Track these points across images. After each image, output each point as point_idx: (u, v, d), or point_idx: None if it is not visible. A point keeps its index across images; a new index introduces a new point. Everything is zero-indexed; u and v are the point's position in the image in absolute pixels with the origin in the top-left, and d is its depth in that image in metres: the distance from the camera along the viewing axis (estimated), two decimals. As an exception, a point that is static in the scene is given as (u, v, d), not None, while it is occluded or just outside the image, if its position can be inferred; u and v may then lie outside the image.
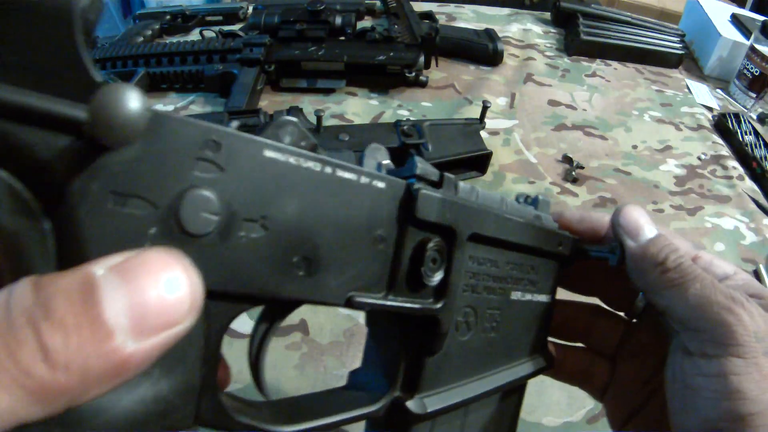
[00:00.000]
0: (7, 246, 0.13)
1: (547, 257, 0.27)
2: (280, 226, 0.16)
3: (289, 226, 0.16)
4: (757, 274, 0.59)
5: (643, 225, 0.26)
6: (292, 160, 0.16)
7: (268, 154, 0.15)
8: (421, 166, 0.20)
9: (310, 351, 0.48)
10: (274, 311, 0.20)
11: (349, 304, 0.19)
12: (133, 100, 0.12)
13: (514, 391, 0.27)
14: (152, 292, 0.12)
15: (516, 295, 0.25)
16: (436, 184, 0.21)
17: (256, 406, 0.19)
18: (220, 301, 0.16)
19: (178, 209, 0.14)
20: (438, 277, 0.20)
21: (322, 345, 0.48)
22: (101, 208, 0.13)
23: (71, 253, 0.13)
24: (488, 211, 0.22)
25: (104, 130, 0.12)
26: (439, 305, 0.21)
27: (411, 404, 0.21)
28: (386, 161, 0.21)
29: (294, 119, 0.17)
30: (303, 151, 0.16)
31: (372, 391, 0.22)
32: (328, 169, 0.17)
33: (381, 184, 0.18)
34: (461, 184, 0.22)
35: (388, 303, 0.19)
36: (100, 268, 0.12)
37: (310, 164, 0.16)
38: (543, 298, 0.28)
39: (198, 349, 0.16)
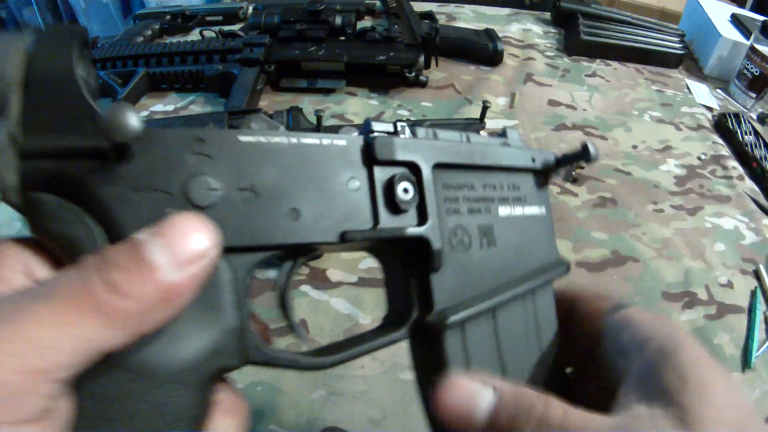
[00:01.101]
0: (67, 247, 0.18)
1: (524, 172, 0.29)
2: (267, 189, 0.21)
3: (273, 187, 0.21)
4: (757, 274, 0.59)
5: (474, 397, 0.22)
6: (262, 139, 0.21)
7: (242, 138, 0.20)
8: (376, 123, 0.24)
9: (310, 351, 0.48)
10: (290, 256, 0.24)
11: (343, 238, 0.22)
12: (130, 115, 0.17)
13: (541, 292, 0.29)
14: (180, 236, 0.17)
15: (505, 211, 0.28)
16: (392, 133, 0.25)
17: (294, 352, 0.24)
18: (238, 254, 0.20)
19: (188, 191, 0.19)
20: (412, 200, 0.24)
21: (322, 345, 0.48)
22: (129, 202, 0.18)
23: (114, 238, 0.18)
24: (448, 142, 0.26)
25: (113, 132, 0.16)
26: (423, 226, 0.24)
27: (431, 318, 0.24)
28: (356, 133, 0.25)
29: (261, 113, 0.21)
30: (268, 131, 0.21)
31: (398, 320, 0.26)
32: (294, 140, 0.21)
33: (342, 142, 0.23)
34: (419, 129, 0.26)
35: (378, 232, 0.23)
36: (140, 233, 0.17)
37: (277, 139, 0.21)
38: (535, 210, 0.30)
39: (231, 295, 0.20)
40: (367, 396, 0.45)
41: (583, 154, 0.29)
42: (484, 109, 0.68)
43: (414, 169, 0.24)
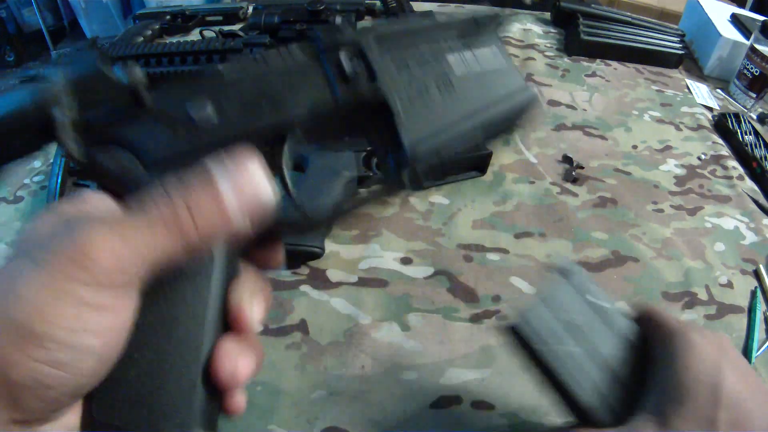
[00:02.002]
0: (120, 180, 0.24)
1: (465, 24, 0.31)
2: (253, 100, 0.26)
3: (249, 95, 0.26)
4: (757, 274, 0.59)
5: None
6: (243, 73, 0.26)
7: (224, 71, 0.26)
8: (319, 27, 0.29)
9: (310, 351, 0.48)
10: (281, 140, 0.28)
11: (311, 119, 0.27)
12: (134, 69, 0.24)
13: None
14: (249, 184, 0.21)
15: (454, 57, 0.30)
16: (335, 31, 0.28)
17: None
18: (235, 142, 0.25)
19: (188, 113, 0.25)
20: (357, 67, 0.27)
21: (322, 345, 0.48)
22: (150, 133, 0.25)
23: (145, 164, 0.24)
24: (386, 24, 0.30)
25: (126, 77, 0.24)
26: (376, 84, 0.28)
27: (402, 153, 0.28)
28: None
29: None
30: (249, 63, 0.27)
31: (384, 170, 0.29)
32: (258, 57, 0.27)
33: (296, 50, 0.27)
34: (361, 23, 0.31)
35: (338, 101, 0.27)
36: (213, 165, 0.21)
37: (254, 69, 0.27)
38: (486, 50, 0.32)
39: None
40: (367, 396, 0.45)
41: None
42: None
43: (356, 46, 0.28)
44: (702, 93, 0.90)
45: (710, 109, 0.87)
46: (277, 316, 0.50)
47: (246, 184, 0.21)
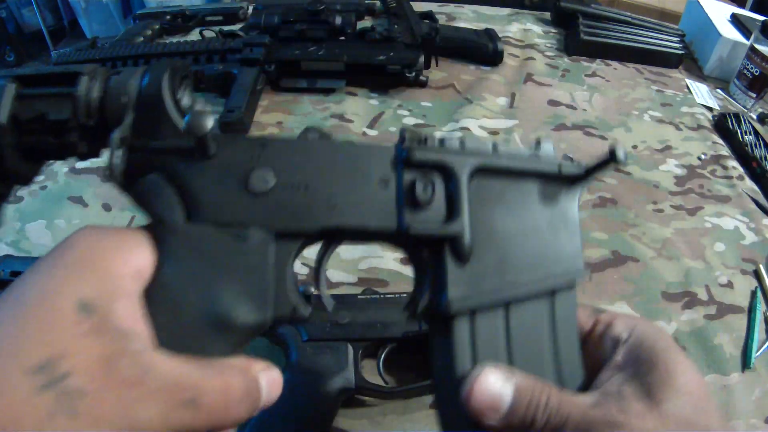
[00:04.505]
0: (154, 215, 0.24)
1: (551, 179, 0.29)
2: (312, 184, 0.25)
3: (317, 183, 0.25)
4: (757, 274, 0.59)
5: (499, 395, 0.24)
6: (310, 145, 0.26)
7: (294, 144, 0.26)
8: (410, 131, 0.27)
9: (310, 351, 0.48)
10: (324, 242, 0.27)
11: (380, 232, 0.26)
12: (208, 116, 0.23)
13: (562, 295, 0.29)
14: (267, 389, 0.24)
15: (530, 213, 0.29)
16: (422, 141, 0.27)
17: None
18: (283, 240, 0.25)
19: (248, 181, 0.25)
20: (431, 197, 0.26)
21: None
22: (207, 189, 0.24)
23: (192, 212, 0.24)
24: (475, 151, 0.28)
25: (194, 127, 0.23)
26: (454, 222, 0.26)
27: (440, 305, 0.26)
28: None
29: (316, 128, 0.27)
30: (323, 140, 0.27)
31: (412, 304, 0.28)
32: (342, 147, 0.26)
33: (379, 147, 0.27)
34: (448, 139, 0.28)
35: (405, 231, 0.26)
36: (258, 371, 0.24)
37: (329, 145, 0.26)
38: (561, 215, 0.30)
39: (268, 274, 0.24)
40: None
41: (611, 159, 0.28)
42: None
43: (442, 170, 0.27)
44: (702, 93, 0.90)
45: (710, 109, 0.87)
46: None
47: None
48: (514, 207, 0.28)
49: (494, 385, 0.24)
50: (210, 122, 0.23)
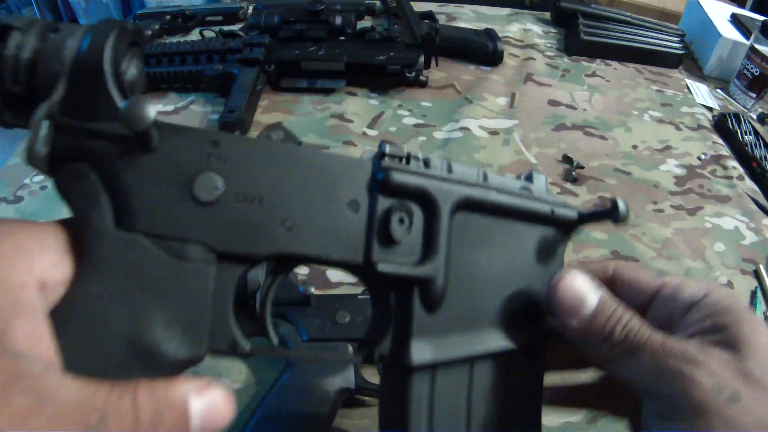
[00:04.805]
0: (78, 215, 0.20)
1: (541, 223, 0.27)
2: (268, 198, 0.21)
3: (275, 197, 0.21)
4: (757, 274, 0.59)
5: (584, 297, 0.24)
6: (272, 148, 0.22)
7: (254, 146, 0.21)
8: (391, 146, 0.23)
9: (310, 351, 0.48)
10: (274, 267, 0.24)
11: (331, 261, 0.22)
12: (148, 105, 0.19)
13: (528, 362, 0.27)
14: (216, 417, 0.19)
15: (509, 255, 0.26)
16: (404, 160, 0.24)
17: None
18: (228, 263, 0.21)
19: (194, 185, 0.20)
20: (405, 232, 0.23)
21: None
22: (143, 191, 0.20)
23: (123, 217, 0.20)
24: (462, 179, 0.24)
25: (129, 119, 0.18)
26: (427, 266, 0.23)
27: (398, 354, 0.24)
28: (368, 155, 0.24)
29: (282, 127, 0.23)
30: (288, 145, 0.22)
31: (369, 344, 0.25)
32: (305, 153, 0.22)
33: (353, 162, 0.23)
34: (434, 159, 0.25)
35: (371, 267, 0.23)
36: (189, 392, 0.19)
37: (288, 151, 0.22)
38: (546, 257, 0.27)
39: (206, 301, 0.21)
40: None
41: (611, 212, 0.25)
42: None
43: (423, 201, 0.23)
44: (702, 93, 0.90)
45: (710, 109, 0.87)
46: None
47: (213, 418, 0.19)
48: (494, 249, 0.25)
49: (582, 286, 0.24)
50: (152, 113, 0.18)
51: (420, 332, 0.23)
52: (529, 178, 0.28)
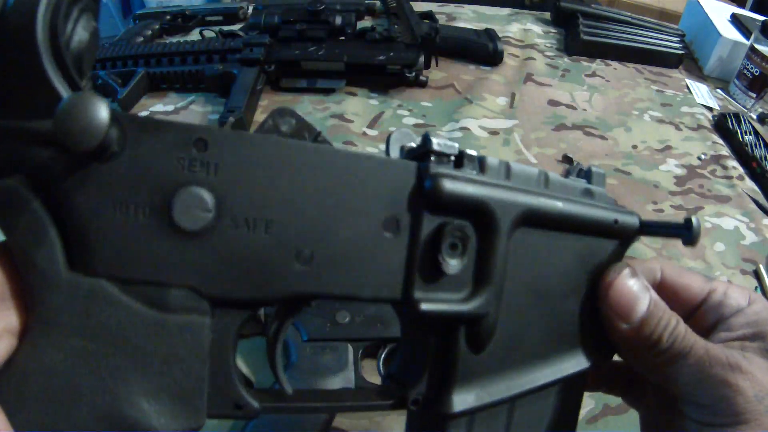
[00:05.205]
0: (17, 252, 0.14)
1: (600, 236, 0.23)
2: (277, 221, 0.15)
3: (287, 218, 0.15)
4: (757, 274, 0.59)
5: (635, 300, 0.23)
6: (282, 148, 0.15)
7: (258, 146, 0.15)
8: (438, 141, 0.18)
9: (310, 351, 0.48)
10: (285, 309, 0.19)
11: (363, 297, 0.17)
12: (96, 109, 0.12)
13: (571, 387, 0.24)
14: None
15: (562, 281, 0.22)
16: (456, 162, 0.18)
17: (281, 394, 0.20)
18: (227, 309, 0.16)
19: (173, 207, 0.14)
20: (456, 264, 0.18)
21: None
22: (101, 217, 0.14)
23: (78, 255, 0.14)
24: (522, 186, 0.19)
25: (67, 137, 0.12)
26: (476, 301, 0.18)
27: (437, 401, 0.20)
28: (412, 143, 0.19)
29: (289, 110, 0.16)
30: (301, 142, 0.16)
31: (400, 386, 0.21)
32: (331, 158, 0.16)
33: (389, 165, 0.17)
34: (490, 159, 0.19)
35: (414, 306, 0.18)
36: None
37: (303, 151, 0.15)
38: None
39: (199, 362, 0.16)
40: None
41: (681, 230, 0.22)
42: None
43: (479, 216, 0.18)
44: (702, 93, 0.90)
45: (710, 109, 0.87)
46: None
47: None
48: (547, 268, 0.21)
49: (634, 287, 0.23)
50: (103, 116, 0.12)
51: (465, 378, 0.20)
52: (587, 175, 0.24)
